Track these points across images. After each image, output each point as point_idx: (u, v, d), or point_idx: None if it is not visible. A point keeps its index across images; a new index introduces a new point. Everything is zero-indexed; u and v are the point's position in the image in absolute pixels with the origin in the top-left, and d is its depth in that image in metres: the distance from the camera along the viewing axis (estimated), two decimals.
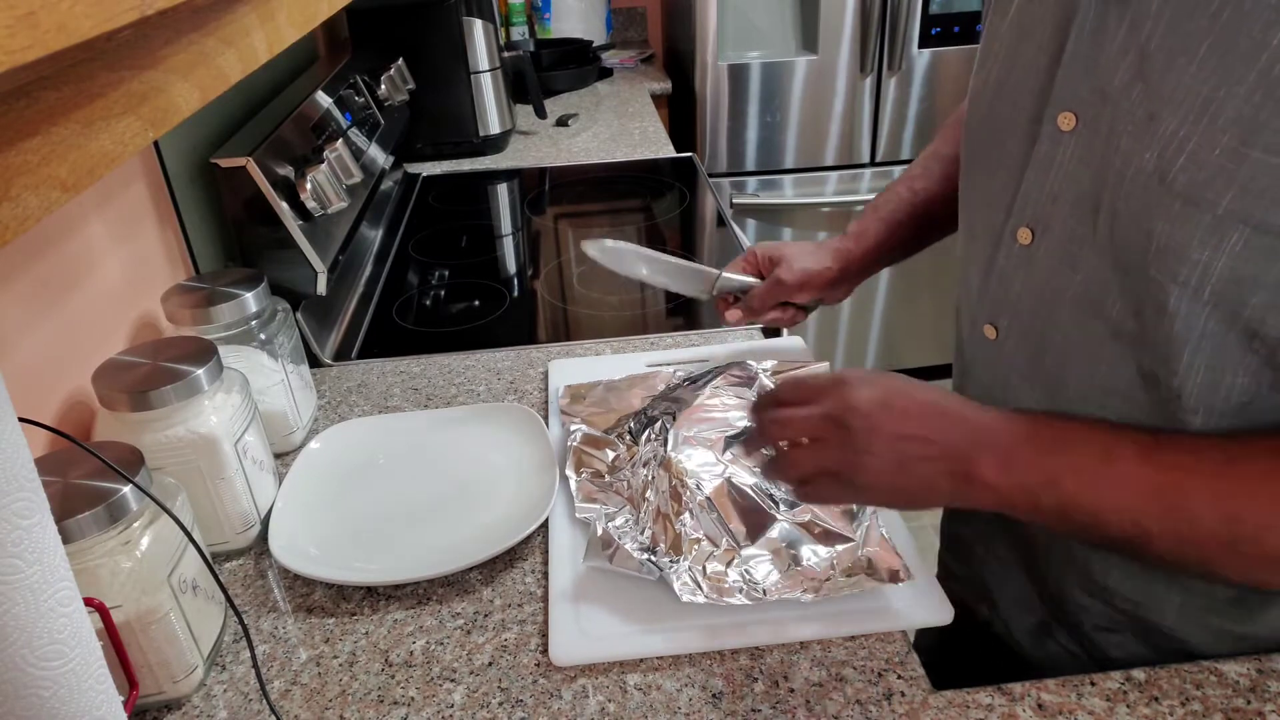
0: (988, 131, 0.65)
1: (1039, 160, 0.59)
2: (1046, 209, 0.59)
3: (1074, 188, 0.57)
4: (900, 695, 0.61)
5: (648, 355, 1.02)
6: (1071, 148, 0.56)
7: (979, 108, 0.66)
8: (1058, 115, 0.57)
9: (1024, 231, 0.61)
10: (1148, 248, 0.52)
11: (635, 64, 2.49)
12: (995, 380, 0.68)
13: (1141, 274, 0.53)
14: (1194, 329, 0.52)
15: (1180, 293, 0.51)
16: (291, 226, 0.99)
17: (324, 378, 1.04)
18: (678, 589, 0.66)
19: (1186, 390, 0.54)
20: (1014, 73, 0.61)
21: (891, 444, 0.54)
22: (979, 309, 0.68)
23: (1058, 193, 0.58)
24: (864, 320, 2.47)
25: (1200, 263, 0.50)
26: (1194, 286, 0.51)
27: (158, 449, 0.69)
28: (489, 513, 0.79)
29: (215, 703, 0.64)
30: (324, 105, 1.24)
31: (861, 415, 0.54)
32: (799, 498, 0.66)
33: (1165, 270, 0.51)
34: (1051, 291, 0.60)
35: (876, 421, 0.54)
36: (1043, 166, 0.59)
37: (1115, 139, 0.53)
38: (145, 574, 0.59)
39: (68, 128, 0.30)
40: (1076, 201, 0.57)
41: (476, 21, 1.70)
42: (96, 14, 0.28)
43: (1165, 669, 0.61)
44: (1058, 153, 0.58)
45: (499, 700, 0.63)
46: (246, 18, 0.49)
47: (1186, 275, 0.51)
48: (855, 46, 2.13)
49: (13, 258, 0.72)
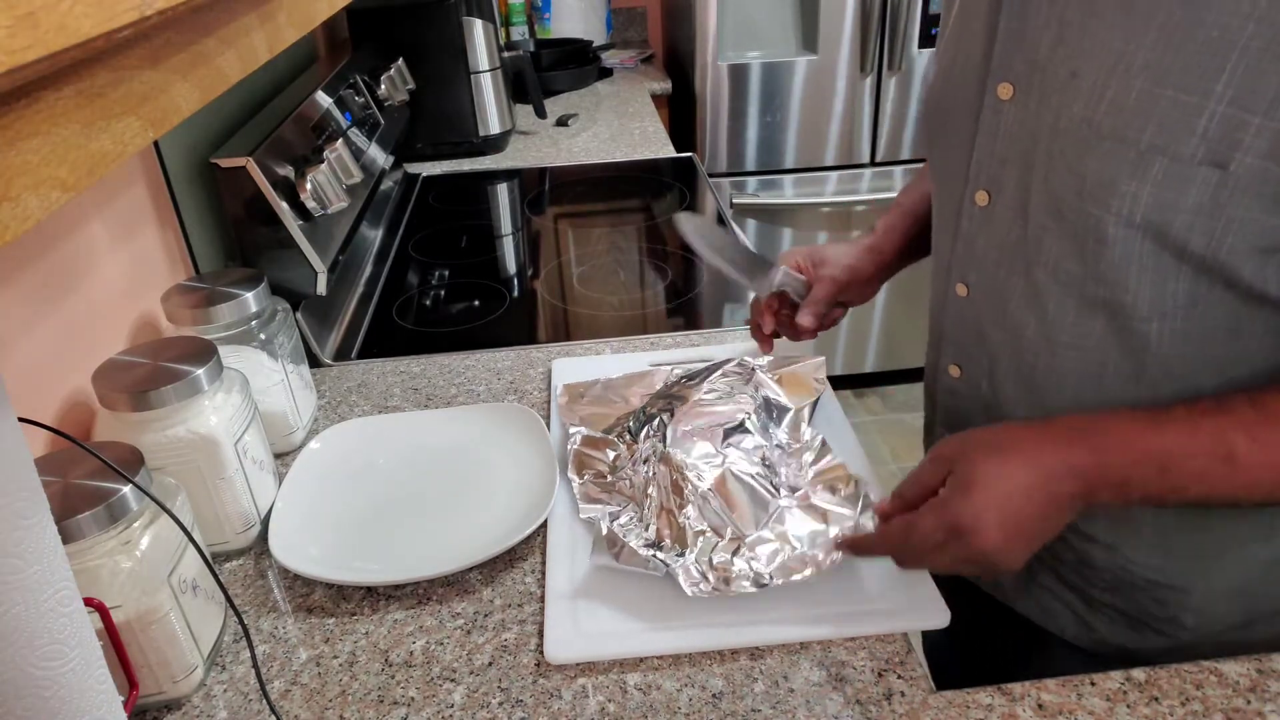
0: (943, 109, 0.71)
1: (986, 128, 0.65)
2: (997, 172, 0.65)
3: (1017, 148, 0.63)
4: (900, 695, 0.61)
5: (648, 355, 1.02)
6: (1012, 114, 0.63)
7: (935, 89, 0.73)
8: (997, 86, 0.63)
9: (981, 194, 0.67)
10: (1083, 188, 0.58)
11: (635, 64, 2.49)
12: (968, 333, 0.73)
13: (1080, 213, 0.59)
14: (1132, 254, 0.58)
15: (1116, 222, 0.57)
16: (291, 226, 0.99)
17: (324, 378, 1.04)
18: (685, 585, 0.66)
19: (1138, 305, 0.60)
20: (960, 55, 0.68)
21: (1028, 547, 0.58)
22: (950, 270, 0.73)
23: (1005, 156, 0.64)
24: (864, 320, 2.47)
25: (1129, 193, 0.56)
26: (1126, 215, 0.57)
27: (158, 449, 0.69)
28: (489, 513, 0.79)
29: (215, 703, 0.64)
30: (324, 105, 1.24)
31: (1000, 553, 0.57)
32: None
33: (1100, 203, 0.57)
34: (1009, 245, 0.66)
35: (1011, 546, 0.57)
36: (990, 134, 0.65)
37: (1047, 98, 0.59)
38: (145, 574, 0.59)
39: (68, 128, 0.30)
40: (1020, 161, 0.63)
41: (476, 21, 1.70)
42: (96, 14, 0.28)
43: (1165, 669, 0.61)
44: (1000, 120, 0.64)
45: (499, 700, 0.63)
46: (246, 17, 0.49)
47: (1118, 206, 0.57)
48: (855, 46, 2.13)
49: (13, 258, 0.72)
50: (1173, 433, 0.57)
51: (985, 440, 0.60)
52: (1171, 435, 0.56)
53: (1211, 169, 0.52)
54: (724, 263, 0.92)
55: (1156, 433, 0.57)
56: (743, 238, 0.89)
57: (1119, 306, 0.60)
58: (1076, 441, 0.58)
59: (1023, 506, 0.57)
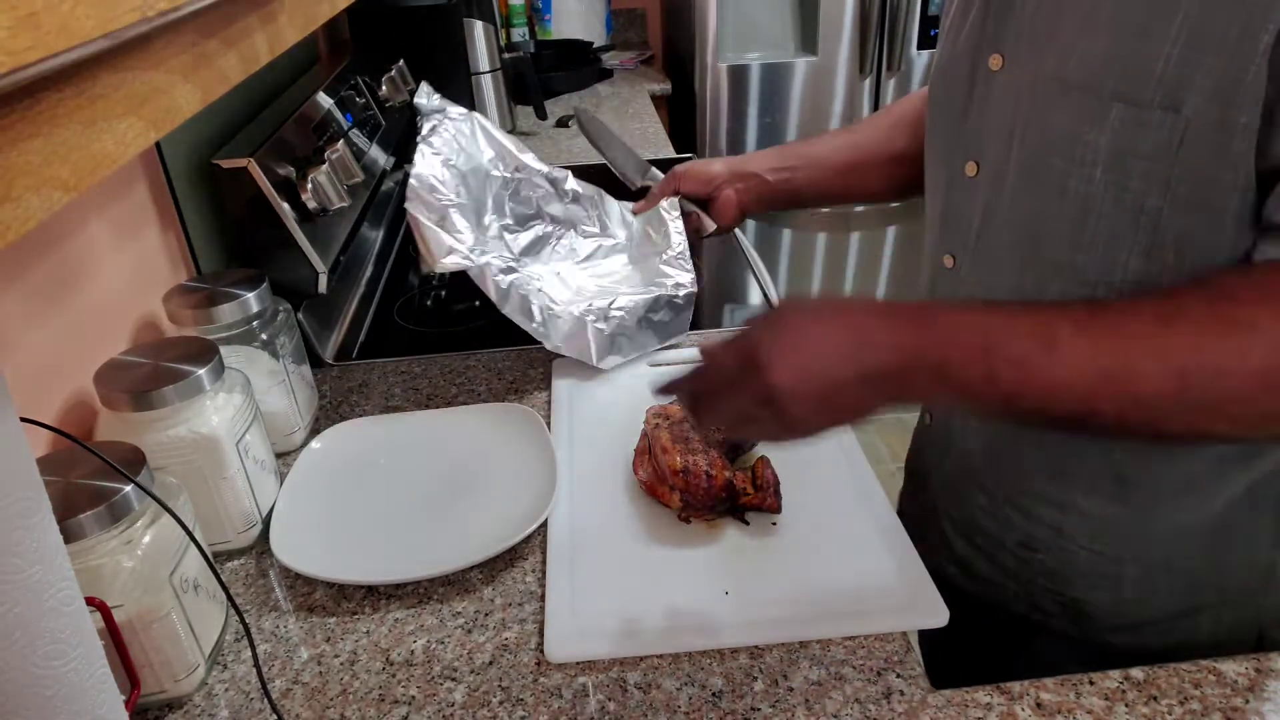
0: (944, 89, 0.75)
1: (978, 101, 0.69)
2: (985, 142, 0.69)
3: (1000, 118, 0.67)
4: (899, 694, 0.61)
5: (647, 355, 1.02)
6: (1000, 83, 0.67)
7: (939, 67, 0.76)
8: (989, 58, 0.67)
9: (970, 165, 0.71)
10: (1049, 140, 0.62)
11: (635, 65, 2.49)
12: None
13: (1045, 166, 0.62)
14: (1091, 210, 0.61)
15: (1078, 173, 0.60)
16: (293, 227, 0.99)
17: (325, 378, 1.04)
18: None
19: (1090, 268, 0.62)
20: (960, 38, 0.71)
21: (821, 406, 0.54)
22: (939, 243, 0.77)
23: (992, 126, 0.68)
24: None
25: (1090, 142, 0.59)
26: (1088, 164, 0.60)
27: (159, 449, 0.70)
28: (489, 512, 0.79)
29: (217, 701, 0.65)
30: (325, 106, 1.24)
31: (787, 395, 0.53)
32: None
33: (1064, 154, 0.61)
34: (988, 213, 0.69)
35: (802, 394, 0.53)
36: (980, 105, 0.69)
37: (1028, 62, 0.64)
38: (147, 573, 0.59)
39: (69, 128, 0.30)
40: (1003, 126, 0.66)
41: (477, 23, 1.70)
42: (98, 15, 0.28)
43: (1164, 668, 0.62)
44: (991, 91, 0.68)
45: (499, 699, 0.63)
46: (248, 19, 0.49)
47: (1080, 154, 0.60)
48: (854, 47, 2.13)
49: (15, 258, 0.72)
50: (1003, 314, 0.55)
51: (815, 302, 0.58)
52: (1001, 315, 0.54)
53: (1165, 113, 0.55)
54: (610, 159, 1.15)
55: (986, 313, 0.55)
56: (627, 141, 1.18)
57: (1071, 267, 0.63)
58: (902, 318, 0.54)
59: (829, 365, 0.53)
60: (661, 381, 0.62)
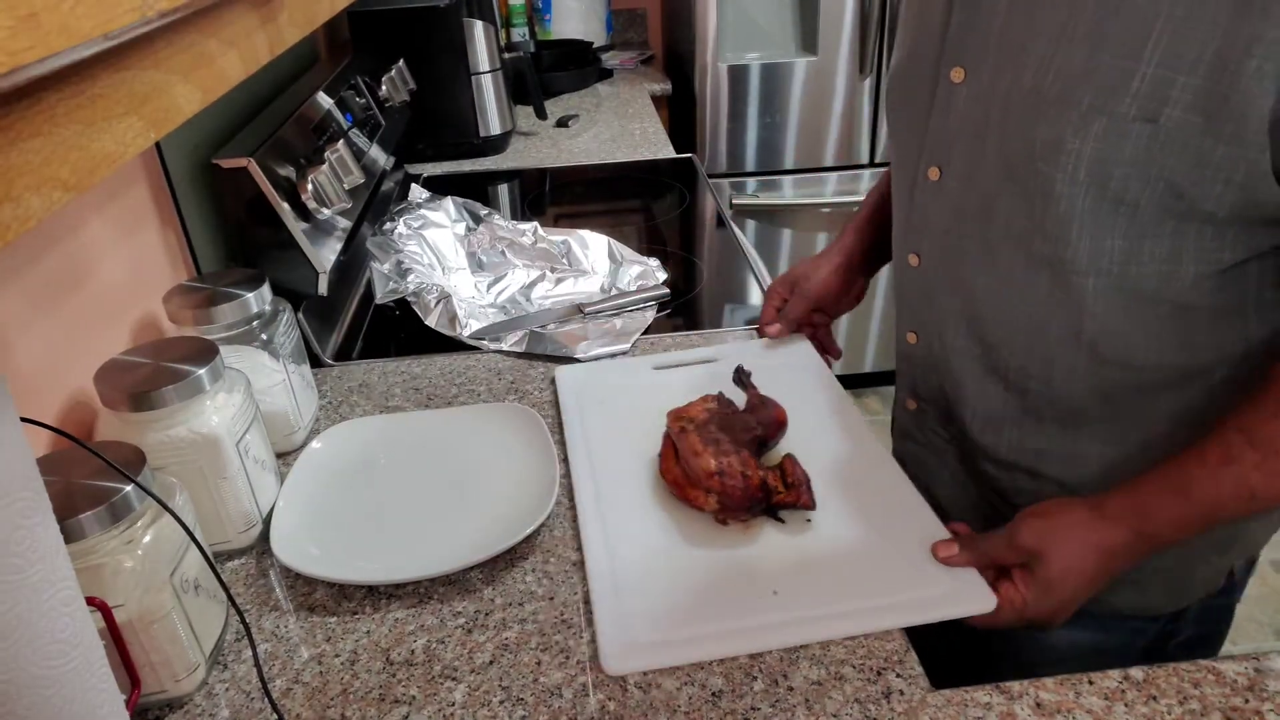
0: (901, 93, 0.78)
1: (939, 108, 0.73)
2: (948, 148, 0.73)
3: (968, 125, 0.70)
4: (899, 694, 0.61)
5: (649, 357, 1.02)
6: (963, 94, 0.70)
7: (896, 75, 0.79)
8: (950, 71, 0.71)
9: (933, 170, 0.75)
10: (1034, 150, 0.65)
11: (635, 65, 2.49)
12: (920, 300, 0.82)
13: (1031, 171, 0.66)
14: (1076, 207, 0.65)
15: (1063, 178, 0.64)
16: (293, 227, 0.99)
17: (325, 378, 1.04)
18: None
19: (1078, 259, 0.67)
20: (918, 43, 0.75)
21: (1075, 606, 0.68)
22: (904, 242, 0.81)
23: (956, 132, 0.71)
24: (863, 320, 2.47)
25: (1074, 150, 0.63)
26: (1072, 170, 0.63)
27: (159, 449, 0.70)
28: (489, 512, 0.79)
29: (217, 701, 0.65)
30: (325, 106, 1.24)
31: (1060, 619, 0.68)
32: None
33: (1050, 161, 0.64)
34: (958, 214, 0.73)
35: (1066, 613, 0.68)
36: (942, 113, 0.72)
37: (999, 75, 0.67)
38: (147, 573, 0.59)
39: (70, 128, 0.30)
40: (972, 135, 0.70)
41: (477, 23, 1.70)
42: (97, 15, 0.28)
43: (1163, 667, 0.62)
44: (952, 100, 0.71)
45: (500, 699, 0.63)
46: (248, 19, 0.49)
47: (1065, 161, 0.63)
48: (854, 47, 2.14)
49: (15, 258, 0.72)
50: (1199, 493, 0.63)
51: (1057, 535, 0.67)
52: (1198, 496, 0.63)
53: (1144, 124, 0.59)
54: None
55: (1187, 501, 0.64)
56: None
57: (1060, 260, 0.67)
58: (1128, 526, 0.65)
59: (1088, 588, 0.67)
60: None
